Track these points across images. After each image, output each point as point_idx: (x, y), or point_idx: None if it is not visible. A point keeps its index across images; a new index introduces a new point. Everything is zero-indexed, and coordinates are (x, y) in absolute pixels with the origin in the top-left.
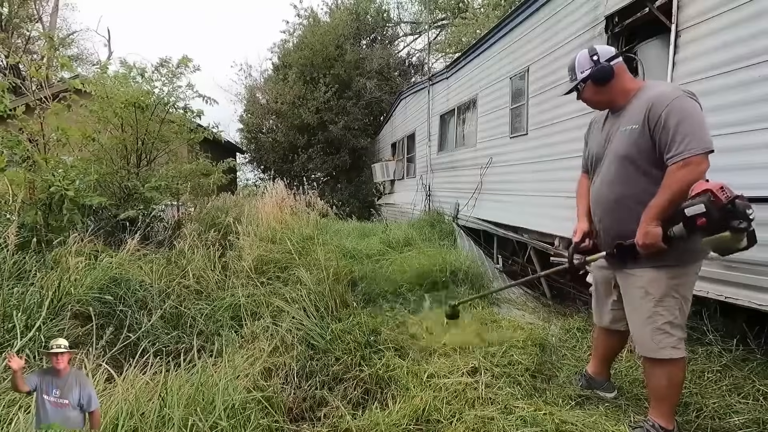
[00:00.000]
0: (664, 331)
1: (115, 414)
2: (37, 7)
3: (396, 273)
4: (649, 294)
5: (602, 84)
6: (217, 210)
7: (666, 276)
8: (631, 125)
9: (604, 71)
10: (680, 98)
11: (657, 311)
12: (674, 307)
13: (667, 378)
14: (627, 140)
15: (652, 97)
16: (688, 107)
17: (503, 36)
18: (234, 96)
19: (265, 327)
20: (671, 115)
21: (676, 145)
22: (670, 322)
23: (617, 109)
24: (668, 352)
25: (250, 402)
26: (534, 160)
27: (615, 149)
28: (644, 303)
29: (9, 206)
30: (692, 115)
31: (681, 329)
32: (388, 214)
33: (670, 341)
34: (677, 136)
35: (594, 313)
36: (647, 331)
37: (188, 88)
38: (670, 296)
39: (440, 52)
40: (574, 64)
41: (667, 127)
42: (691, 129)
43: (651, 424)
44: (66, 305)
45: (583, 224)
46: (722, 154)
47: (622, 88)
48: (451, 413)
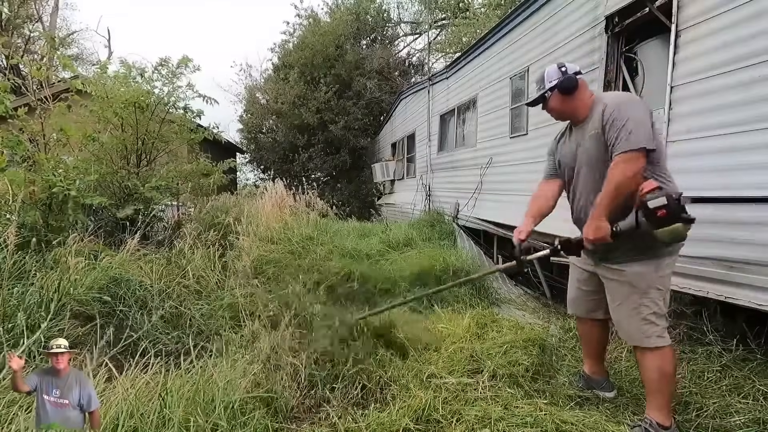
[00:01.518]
0: (649, 321)
1: (115, 414)
2: (37, 7)
3: (396, 273)
4: (635, 287)
5: (568, 94)
6: (217, 210)
7: (651, 269)
8: (593, 131)
9: (570, 81)
10: (629, 101)
11: (643, 303)
12: (658, 299)
13: (658, 370)
14: (594, 144)
15: (607, 102)
16: (635, 108)
17: (503, 36)
18: (234, 96)
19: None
20: (618, 114)
21: (618, 141)
22: (654, 313)
23: (579, 120)
24: (654, 341)
25: (250, 402)
26: (534, 160)
27: (586, 156)
28: (630, 296)
29: (9, 206)
30: (635, 116)
31: (665, 319)
32: (388, 214)
33: (655, 330)
34: (622, 132)
35: (569, 305)
36: (634, 322)
37: (188, 88)
38: (654, 288)
39: (440, 52)
40: (543, 76)
41: (615, 124)
42: (633, 127)
43: (649, 422)
44: (66, 305)
45: (528, 224)
46: (722, 154)
47: (583, 100)
48: (451, 413)
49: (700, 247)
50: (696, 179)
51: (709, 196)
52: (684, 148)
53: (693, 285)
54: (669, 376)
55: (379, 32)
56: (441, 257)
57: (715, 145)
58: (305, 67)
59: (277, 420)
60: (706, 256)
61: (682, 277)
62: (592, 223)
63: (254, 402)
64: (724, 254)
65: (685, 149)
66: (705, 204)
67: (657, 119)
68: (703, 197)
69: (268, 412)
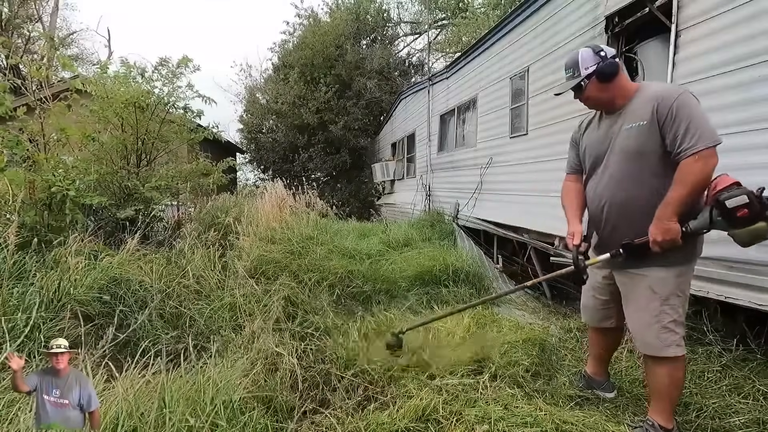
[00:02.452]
0: (669, 329)
1: (115, 414)
2: (37, 7)
3: (396, 272)
4: (656, 293)
5: (608, 81)
6: (216, 210)
7: (673, 275)
8: (638, 122)
9: (612, 66)
10: (685, 94)
11: (664, 310)
12: (678, 306)
13: (668, 376)
14: (636, 136)
15: (658, 93)
16: (694, 103)
17: (503, 36)
18: (234, 96)
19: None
20: (681, 109)
21: (688, 138)
22: (674, 321)
23: (615, 108)
24: (672, 350)
25: (250, 401)
26: (534, 160)
27: (623, 147)
28: (651, 302)
29: (9, 206)
30: (698, 110)
31: (683, 327)
32: (388, 214)
33: (674, 339)
34: (690, 128)
35: (583, 313)
36: (653, 330)
37: (188, 88)
38: (675, 295)
39: (440, 52)
40: (577, 61)
41: (678, 120)
42: (700, 123)
43: (651, 423)
44: (66, 305)
45: (578, 226)
46: (722, 153)
47: (621, 87)
48: (451, 413)
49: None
50: None
51: None
52: None
53: (693, 285)
54: (678, 384)
55: (379, 32)
56: (441, 257)
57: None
58: (305, 67)
59: (277, 420)
60: (706, 256)
61: None
62: (661, 225)
63: (254, 402)
64: (724, 254)
65: None
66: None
67: None
68: None
69: (268, 412)
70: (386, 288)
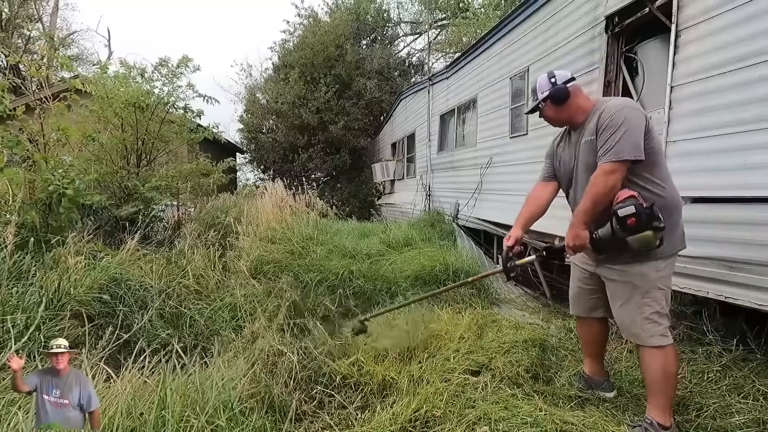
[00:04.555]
0: (652, 320)
1: (115, 414)
2: (37, 7)
3: (396, 272)
4: (637, 287)
5: (560, 104)
6: (216, 210)
7: (652, 269)
8: (589, 137)
9: (560, 92)
10: (623, 109)
11: (645, 302)
12: (660, 298)
13: (661, 370)
14: (589, 150)
15: (602, 109)
16: (626, 117)
17: (503, 36)
18: (234, 96)
19: (267, 326)
20: (609, 123)
21: (602, 151)
22: (657, 312)
23: (577, 125)
24: (657, 340)
25: (249, 402)
26: (534, 160)
27: (583, 160)
28: (633, 296)
29: (8, 206)
30: (626, 125)
31: (667, 318)
32: (388, 214)
33: (658, 329)
34: (608, 142)
35: (571, 305)
36: (637, 321)
37: (188, 88)
38: (656, 288)
39: (440, 52)
40: (536, 87)
41: (604, 133)
42: (618, 137)
43: (649, 422)
44: (66, 305)
45: (517, 231)
46: (722, 154)
47: (578, 106)
48: (451, 413)
49: (700, 247)
50: (696, 179)
51: (710, 196)
52: (684, 148)
53: (693, 285)
54: (672, 376)
55: (379, 32)
56: (441, 257)
57: (715, 146)
58: (305, 67)
59: (276, 420)
60: (706, 256)
61: (682, 277)
62: (572, 231)
63: (253, 402)
64: (724, 254)
65: (684, 149)
66: (705, 204)
67: (657, 120)
68: (703, 197)
69: (267, 412)
70: (386, 288)
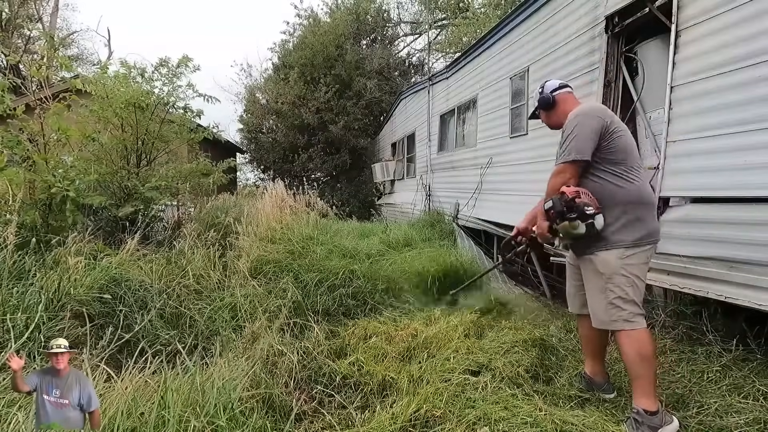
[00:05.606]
0: (615, 305)
1: (115, 414)
2: (37, 7)
3: (396, 273)
4: (601, 273)
5: (548, 110)
6: (216, 210)
7: (614, 256)
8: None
9: (544, 100)
10: (580, 115)
11: (608, 287)
12: (625, 284)
13: (636, 353)
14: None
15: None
16: (580, 121)
17: (503, 36)
18: (234, 96)
19: (265, 327)
20: (566, 128)
21: (558, 153)
22: (620, 297)
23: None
24: (620, 324)
25: (249, 401)
26: (534, 160)
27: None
28: (597, 280)
29: (9, 206)
30: (580, 128)
31: (633, 304)
32: (388, 214)
33: (622, 314)
34: (563, 145)
35: (568, 302)
36: (601, 305)
37: (188, 87)
38: (620, 274)
39: (440, 52)
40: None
41: (562, 137)
42: (570, 140)
43: (636, 411)
44: (66, 305)
45: (523, 224)
46: (722, 154)
47: (564, 113)
48: (451, 414)
49: (700, 247)
50: (696, 179)
51: (710, 196)
52: (684, 148)
53: (693, 285)
54: (648, 358)
55: (379, 32)
56: (441, 257)
57: (716, 145)
58: (305, 67)
59: (276, 420)
60: (706, 256)
61: (682, 277)
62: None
63: (253, 402)
64: (724, 254)
65: (685, 149)
66: (705, 204)
67: (657, 120)
68: (704, 197)
69: (268, 412)
70: (386, 288)
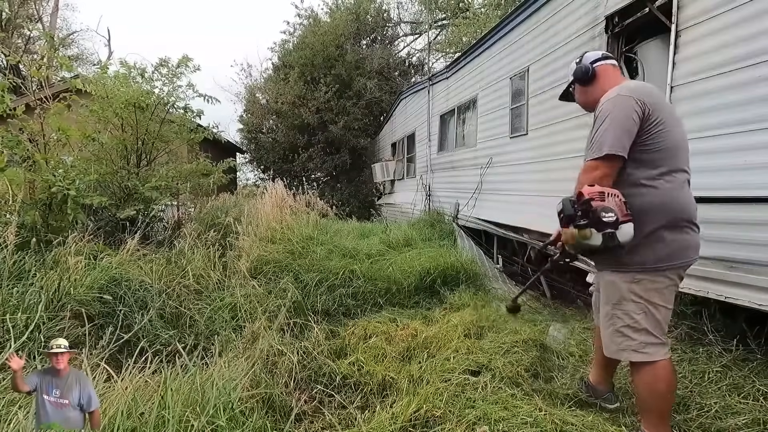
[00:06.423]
0: (622, 333)
1: (115, 414)
2: (37, 7)
3: (396, 273)
4: (608, 297)
5: (585, 84)
6: (216, 210)
7: (623, 279)
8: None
9: (582, 70)
10: (610, 100)
11: (615, 314)
12: (635, 312)
13: (647, 386)
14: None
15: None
16: (611, 109)
17: (503, 36)
18: (234, 96)
19: (265, 327)
20: (598, 116)
21: (588, 146)
22: (628, 326)
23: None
24: (628, 355)
25: (249, 401)
26: (534, 160)
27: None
28: (605, 305)
29: (9, 206)
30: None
31: (646, 333)
32: (388, 214)
33: (630, 344)
34: (594, 138)
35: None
36: (607, 332)
37: (188, 87)
38: (629, 300)
39: (440, 52)
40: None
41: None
42: (601, 133)
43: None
44: (66, 305)
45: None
46: (722, 154)
47: (602, 89)
48: (451, 413)
49: (700, 247)
50: (696, 179)
51: (710, 196)
52: None
53: (693, 285)
54: (660, 396)
55: (379, 32)
56: (441, 257)
57: (716, 145)
58: (305, 67)
59: (276, 420)
60: (706, 256)
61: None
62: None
63: (253, 402)
64: (724, 254)
65: None
66: (705, 204)
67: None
68: (703, 197)
69: (268, 412)
70: (386, 288)
